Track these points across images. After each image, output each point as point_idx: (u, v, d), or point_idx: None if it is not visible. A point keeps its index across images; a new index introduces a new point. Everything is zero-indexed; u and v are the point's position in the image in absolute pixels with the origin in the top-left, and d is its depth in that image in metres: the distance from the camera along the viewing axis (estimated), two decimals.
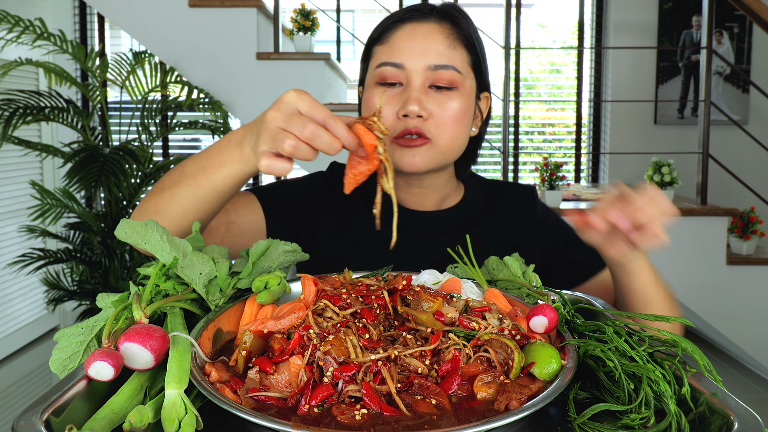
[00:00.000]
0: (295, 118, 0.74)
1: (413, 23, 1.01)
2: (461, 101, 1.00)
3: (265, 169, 0.76)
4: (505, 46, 3.18)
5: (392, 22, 1.03)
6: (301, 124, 0.73)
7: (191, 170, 0.88)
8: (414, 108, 0.96)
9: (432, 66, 0.98)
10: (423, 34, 0.99)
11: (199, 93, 3.20)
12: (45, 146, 3.13)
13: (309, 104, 0.75)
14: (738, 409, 0.55)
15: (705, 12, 3.15)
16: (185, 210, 0.88)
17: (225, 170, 0.84)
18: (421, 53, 0.98)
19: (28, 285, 4.03)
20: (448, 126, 0.99)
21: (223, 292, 0.76)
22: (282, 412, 0.56)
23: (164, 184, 0.91)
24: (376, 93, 1.00)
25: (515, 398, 0.57)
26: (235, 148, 0.83)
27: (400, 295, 0.72)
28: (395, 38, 1.01)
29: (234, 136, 0.85)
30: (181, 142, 4.93)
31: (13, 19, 2.85)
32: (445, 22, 1.01)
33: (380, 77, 1.00)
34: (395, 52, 0.99)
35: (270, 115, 0.76)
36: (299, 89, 0.77)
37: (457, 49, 1.00)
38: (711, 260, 3.14)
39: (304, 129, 0.73)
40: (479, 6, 6.97)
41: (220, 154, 0.85)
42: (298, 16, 3.48)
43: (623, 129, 4.44)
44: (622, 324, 0.69)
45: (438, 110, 0.98)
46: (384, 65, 1.00)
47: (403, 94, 0.98)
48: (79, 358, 0.68)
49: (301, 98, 0.75)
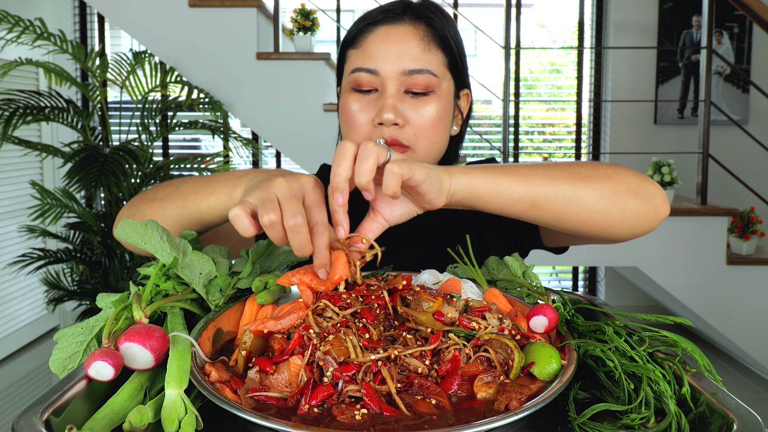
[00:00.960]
0: (292, 203, 0.69)
1: (386, 26, 0.98)
2: (438, 105, 0.97)
3: (231, 217, 0.70)
4: (505, 46, 3.19)
5: (365, 25, 1.00)
6: (292, 212, 0.68)
7: (185, 190, 0.87)
8: (389, 116, 0.93)
9: (406, 71, 0.95)
10: (396, 37, 0.96)
11: (199, 93, 3.20)
12: (45, 146, 3.13)
13: (315, 202, 0.71)
14: (738, 409, 0.55)
15: (705, 12, 3.15)
16: (169, 226, 0.88)
17: (212, 200, 0.83)
18: (395, 58, 0.95)
19: (28, 285, 4.03)
20: (426, 132, 0.96)
21: (223, 292, 0.76)
22: (282, 412, 0.56)
23: (157, 194, 0.90)
24: (352, 101, 0.98)
25: (515, 398, 0.57)
26: (229, 183, 0.82)
27: (400, 295, 0.72)
28: (368, 42, 0.98)
29: (238, 173, 0.83)
30: (181, 142, 4.93)
31: (13, 19, 2.86)
32: (419, 22, 0.98)
33: (355, 83, 0.98)
34: (369, 57, 0.97)
35: (279, 182, 0.71)
36: (318, 180, 0.73)
37: (432, 52, 0.97)
38: (711, 260, 3.14)
39: (291, 219, 0.67)
40: (479, 6, 6.97)
41: (216, 183, 0.84)
42: (298, 16, 3.48)
43: (623, 129, 4.45)
44: (622, 324, 0.69)
45: (415, 116, 0.96)
46: (358, 71, 0.97)
47: (378, 101, 0.96)
48: (79, 358, 0.68)
49: (314, 191, 0.72)
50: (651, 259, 3.14)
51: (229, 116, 3.37)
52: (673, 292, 3.16)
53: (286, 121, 3.33)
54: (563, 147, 4.88)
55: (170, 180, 0.95)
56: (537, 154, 4.86)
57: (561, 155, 4.77)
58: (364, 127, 0.97)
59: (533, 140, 4.97)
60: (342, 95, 1.02)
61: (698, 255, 3.13)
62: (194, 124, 3.34)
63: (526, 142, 4.95)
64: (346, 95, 1.00)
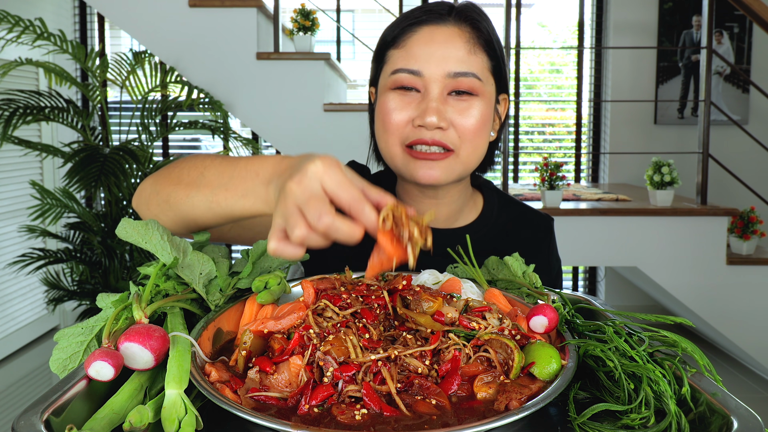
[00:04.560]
0: (313, 202, 0.61)
1: (431, 26, 0.95)
2: (482, 108, 0.95)
3: (272, 252, 0.64)
4: (505, 46, 3.19)
5: (408, 24, 0.97)
6: (317, 212, 0.60)
7: (211, 179, 0.79)
8: (433, 119, 0.91)
9: (451, 73, 0.93)
10: (441, 38, 0.94)
11: (199, 93, 3.20)
12: (45, 146, 3.13)
13: (336, 182, 0.62)
14: (738, 409, 0.55)
15: (705, 12, 3.15)
16: (197, 216, 0.82)
17: (246, 202, 0.75)
18: (440, 60, 0.93)
19: (28, 285, 4.03)
20: (470, 135, 0.95)
21: (223, 292, 0.76)
22: (282, 412, 0.56)
23: (182, 176, 0.83)
24: (391, 99, 0.95)
25: (515, 398, 0.57)
26: (262, 187, 0.72)
27: (400, 296, 0.72)
28: (411, 42, 0.95)
29: (263, 167, 0.73)
30: (181, 142, 4.93)
31: (13, 19, 2.85)
32: (464, 24, 0.96)
33: (396, 84, 0.95)
34: (412, 58, 0.94)
35: (289, 187, 0.63)
36: (328, 158, 0.64)
37: (477, 54, 0.95)
38: (711, 260, 3.14)
39: (319, 220, 0.60)
40: (479, 6, 6.95)
41: (245, 181, 0.75)
42: (298, 16, 3.48)
43: (623, 129, 4.44)
44: (622, 324, 0.69)
45: (459, 119, 0.94)
46: (400, 71, 0.95)
47: (421, 103, 0.94)
48: (79, 358, 0.68)
49: (328, 174, 0.63)
50: (651, 259, 3.14)
51: (229, 116, 3.37)
52: (673, 292, 3.16)
53: (286, 121, 3.33)
54: (563, 147, 4.88)
55: (189, 158, 0.87)
56: (537, 154, 4.86)
57: (561, 155, 4.77)
58: (401, 126, 0.95)
59: (533, 140, 4.97)
60: (380, 95, 0.99)
61: (698, 255, 3.13)
62: (194, 124, 3.34)
63: (526, 142, 4.95)
64: (386, 94, 0.97)
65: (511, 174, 4.64)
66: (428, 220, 0.65)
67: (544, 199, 3.13)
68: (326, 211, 0.61)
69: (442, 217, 1.05)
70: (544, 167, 3.13)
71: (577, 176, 4.74)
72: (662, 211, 3.10)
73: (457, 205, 1.06)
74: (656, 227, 3.12)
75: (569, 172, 4.74)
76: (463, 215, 1.08)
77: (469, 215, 1.09)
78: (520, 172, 4.83)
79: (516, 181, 4.66)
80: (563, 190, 3.27)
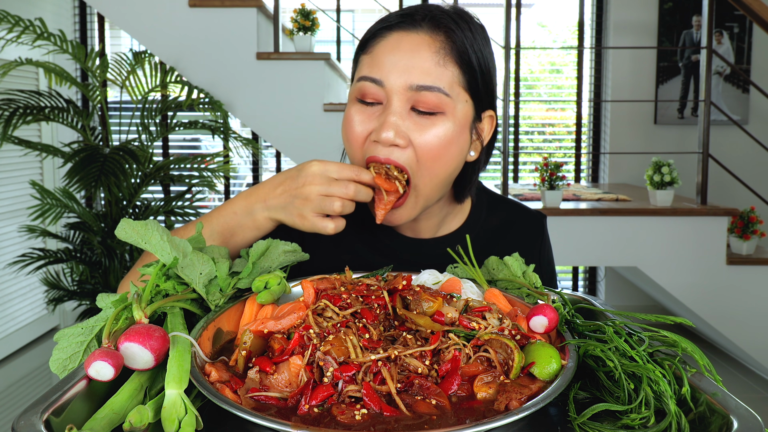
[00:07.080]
0: (335, 184, 0.83)
1: (400, 32, 0.87)
2: (447, 128, 0.86)
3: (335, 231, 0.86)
4: (505, 46, 3.18)
5: (380, 28, 0.90)
6: (343, 186, 0.83)
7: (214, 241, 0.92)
8: (388, 135, 0.84)
9: (414, 86, 0.84)
10: (408, 46, 0.85)
11: (199, 93, 3.20)
12: (45, 146, 3.12)
13: (338, 168, 0.84)
14: (738, 409, 0.55)
15: (705, 12, 3.15)
16: None
17: (237, 239, 0.92)
18: (403, 70, 0.85)
19: (28, 285, 4.03)
20: (428, 158, 0.86)
21: (223, 292, 0.76)
22: (282, 412, 0.56)
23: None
24: (354, 110, 0.90)
25: (515, 398, 0.57)
26: (246, 217, 0.90)
27: (400, 296, 0.72)
28: (378, 49, 0.88)
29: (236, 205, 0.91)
30: (181, 142, 4.93)
31: (13, 19, 2.85)
32: (437, 32, 0.86)
33: (359, 93, 0.88)
34: (376, 65, 0.87)
35: (308, 189, 0.84)
36: (319, 160, 0.86)
37: (447, 67, 0.85)
38: (711, 260, 3.14)
39: (348, 189, 0.83)
40: (479, 6, 6.97)
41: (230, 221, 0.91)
42: (298, 16, 3.48)
43: (623, 129, 4.44)
44: (622, 324, 0.69)
45: (418, 138, 0.85)
46: (363, 79, 0.88)
47: (381, 116, 0.86)
48: (79, 358, 0.68)
49: (328, 166, 0.84)
50: (651, 259, 3.14)
51: (229, 116, 3.37)
52: (673, 292, 3.16)
53: (286, 121, 3.33)
54: (563, 147, 4.88)
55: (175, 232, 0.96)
56: (537, 154, 4.87)
57: (561, 155, 4.77)
58: (361, 140, 0.89)
59: (533, 140, 4.97)
60: (348, 103, 0.93)
61: (698, 255, 3.13)
62: (194, 124, 3.34)
63: (526, 142, 4.95)
64: (350, 104, 0.91)
65: (511, 174, 4.64)
66: None
67: (544, 199, 3.13)
68: (348, 182, 0.84)
69: (424, 229, 1.01)
70: (544, 167, 3.13)
71: (577, 176, 4.74)
72: (662, 211, 3.10)
73: (438, 217, 1.01)
74: (656, 227, 3.12)
75: (569, 172, 4.74)
76: (447, 223, 1.03)
77: (453, 222, 1.04)
78: (520, 172, 4.83)
79: (516, 181, 4.66)
80: (563, 190, 3.27)
